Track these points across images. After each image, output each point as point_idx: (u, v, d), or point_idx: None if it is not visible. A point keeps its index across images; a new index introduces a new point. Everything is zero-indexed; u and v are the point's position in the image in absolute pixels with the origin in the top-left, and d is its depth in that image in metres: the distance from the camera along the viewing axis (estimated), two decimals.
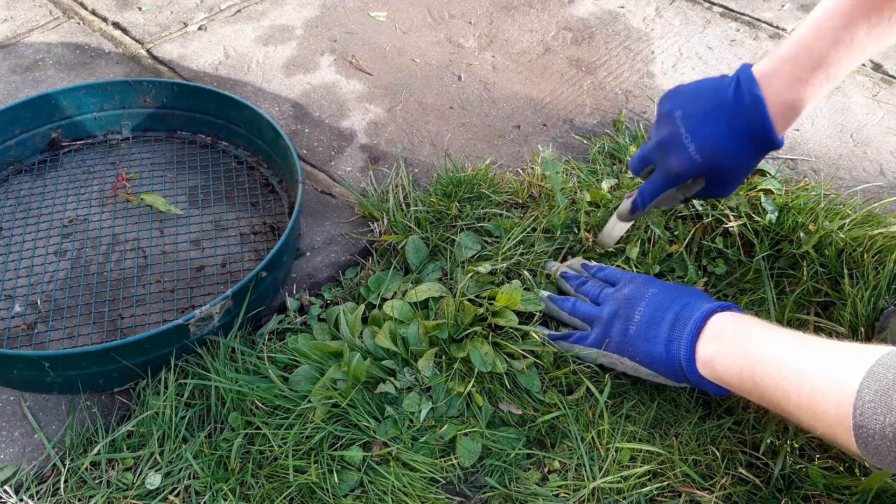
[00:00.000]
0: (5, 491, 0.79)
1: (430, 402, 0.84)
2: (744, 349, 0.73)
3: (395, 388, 0.85)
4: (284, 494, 0.78)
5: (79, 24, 1.49)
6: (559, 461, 0.82)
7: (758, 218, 1.04)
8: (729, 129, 0.80)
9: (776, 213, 1.03)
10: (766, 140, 0.79)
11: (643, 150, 0.89)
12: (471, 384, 0.85)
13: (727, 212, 1.03)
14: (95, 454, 0.81)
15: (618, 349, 0.84)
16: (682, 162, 0.82)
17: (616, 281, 0.90)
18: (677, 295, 0.84)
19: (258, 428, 0.82)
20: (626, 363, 0.84)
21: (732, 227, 1.01)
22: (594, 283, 0.92)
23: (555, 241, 1.02)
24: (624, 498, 0.79)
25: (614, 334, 0.85)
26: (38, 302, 0.98)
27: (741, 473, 0.80)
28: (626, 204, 0.93)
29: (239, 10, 1.54)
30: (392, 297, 0.95)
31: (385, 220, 1.06)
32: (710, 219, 1.03)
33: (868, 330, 0.90)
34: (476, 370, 0.86)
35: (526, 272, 0.97)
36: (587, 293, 0.91)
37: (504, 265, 0.98)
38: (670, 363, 0.79)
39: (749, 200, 1.06)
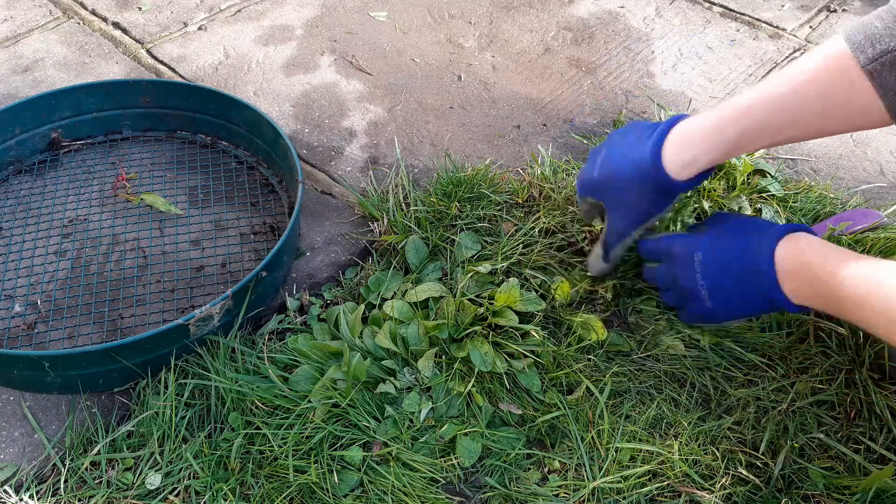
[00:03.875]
0: (5, 491, 0.79)
1: (430, 402, 0.84)
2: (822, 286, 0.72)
3: (395, 388, 0.85)
4: (284, 494, 0.78)
5: (79, 24, 1.49)
6: (559, 461, 0.82)
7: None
8: (628, 158, 0.84)
9: (776, 218, 1.03)
10: (657, 176, 0.81)
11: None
12: (471, 384, 0.85)
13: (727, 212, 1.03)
14: (95, 454, 0.81)
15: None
16: (585, 174, 0.90)
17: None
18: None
19: (258, 428, 0.82)
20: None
21: None
22: None
23: (556, 240, 1.02)
24: (624, 498, 0.79)
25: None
26: (38, 302, 0.98)
27: (741, 473, 0.80)
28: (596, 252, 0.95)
29: (239, 10, 1.54)
30: (392, 297, 0.95)
31: (385, 220, 1.06)
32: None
33: (866, 332, 0.90)
34: (476, 370, 0.86)
35: (527, 271, 0.97)
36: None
37: (504, 265, 0.98)
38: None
39: (751, 203, 1.06)
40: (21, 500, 0.78)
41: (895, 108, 0.71)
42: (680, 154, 0.79)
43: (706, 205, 1.05)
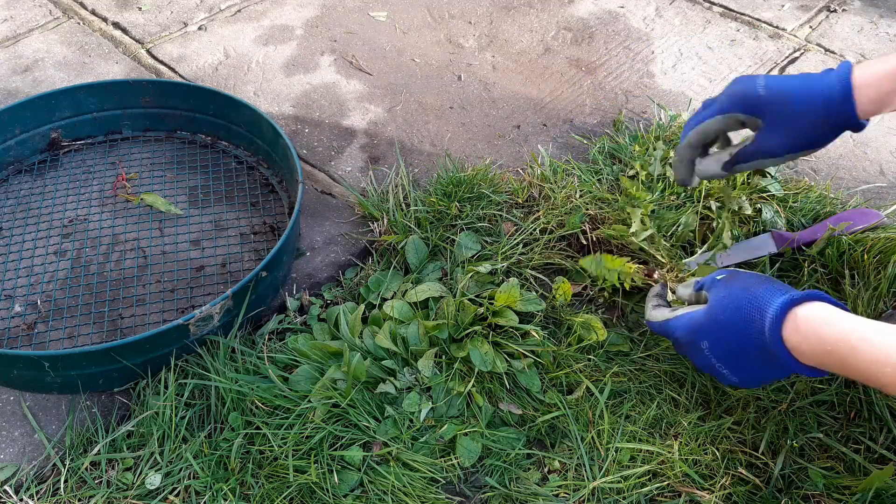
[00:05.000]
0: (5, 491, 0.79)
1: (430, 402, 0.84)
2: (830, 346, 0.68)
3: (395, 388, 0.85)
4: (284, 494, 0.78)
5: (79, 24, 1.49)
6: (559, 461, 0.82)
7: (758, 219, 1.04)
8: (807, 83, 0.79)
9: (776, 217, 1.03)
10: (842, 107, 0.77)
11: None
12: (471, 384, 0.85)
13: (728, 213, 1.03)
14: (95, 454, 0.81)
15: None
16: (744, 90, 0.81)
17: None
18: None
19: (258, 428, 0.82)
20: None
21: (728, 230, 1.01)
22: None
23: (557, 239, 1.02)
24: (624, 498, 0.79)
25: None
26: (38, 302, 0.98)
27: (741, 473, 0.80)
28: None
29: (239, 10, 1.54)
30: (392, 297, 0.95)
31: (385, 220, 1.06)
32: (711, 220, 1.04)
33: None
34: (476, 370, 0.86)
35: (528, 271, 0.97)
36: None
37: (504, 265, 0.98)
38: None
39: (751, 203, 1.06)
40: (21, 500, 0.78)
41: None
42: (869, 90, 0.75)
43: (713, 205, 1.05)
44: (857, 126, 0.77)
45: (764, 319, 0.70)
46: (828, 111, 0.77)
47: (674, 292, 0.87)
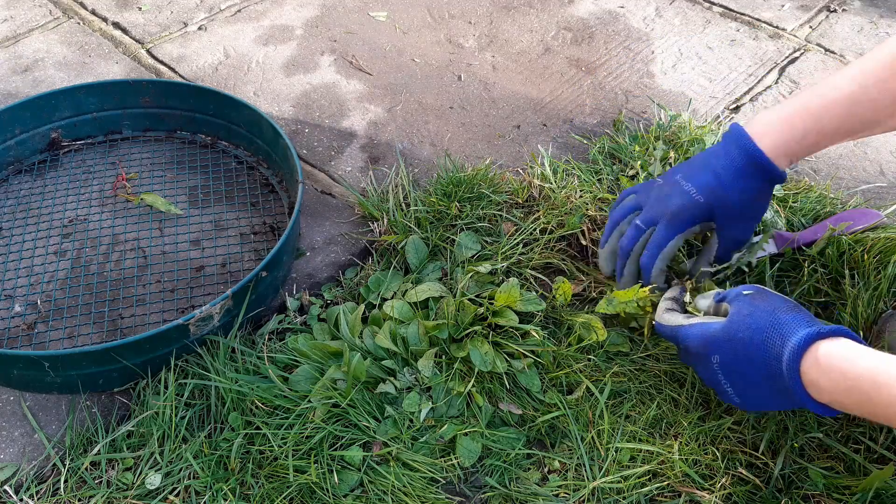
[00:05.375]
0: (5, 491, 0.79)
1: (430, 402, 0.84)
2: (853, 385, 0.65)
3: (395, 388, 0.85)
4: (284, 494, 0.78)
5: (79, 24, 1.49)
6: (559, 461, 0.82)
7: None
8: (726, 170, 0.83)
9: (776, 217, 1.03)
10: (765, 169, 0.81)
11: (629, 216, 0.91)
12: (471, 384, 0.85)
13: None
14: (95, 454, 0.81)
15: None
16: (683, 202, 0.85)
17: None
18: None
19: (258, 428, 0.82)
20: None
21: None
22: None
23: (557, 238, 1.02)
24: (624, 498, 0.79)
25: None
26: (38, 302, 0.98)
27: (741, 473, 0.80)
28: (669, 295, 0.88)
29: (239, 10, 1.54)
30: (392, 297, 0.95)
31: (385, 220, 1.06)
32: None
33: (866, 332, 0.90)
34: (476, 370, 0.86)
35: (528, 271, 0.97)
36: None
37: (504, 265, 0.98)
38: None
39: None
40: (21, 500, 0.78)
41: None
42: (774, 138, 0.80)
43: None
44: (777, 175, 0.81)
45: (784, 347, 0.68)
46: (756, 178, 0.82)
47: (691, 300, 0.86)
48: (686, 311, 0.83)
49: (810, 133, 0.80)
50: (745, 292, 0.76)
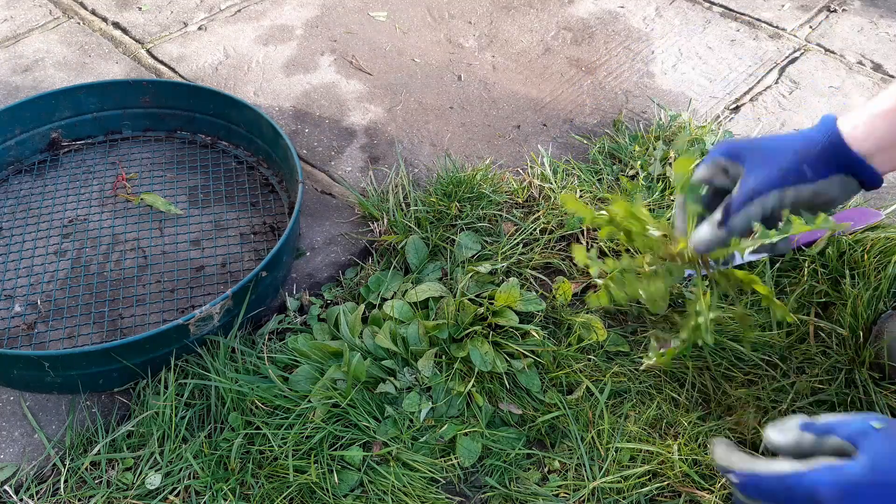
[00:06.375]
0: (5, 491, 0.79)
1: (430, 402, 0.84)
2: None
3: (395, 388, 0.85)
4: (284, 494, 0.78)
5: (79, 24, 1.49)
6: (559, 461, 0.82)
7: None
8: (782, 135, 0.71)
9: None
10: (821, 134, 0.68)
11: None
12: (471, 384, 0.85)
13: None
14: (95, 454, 0.81)
15: None
16: (728, 141, 0.73)
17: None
18: None
19: (258, 428, 0.82)
20: None
21: None
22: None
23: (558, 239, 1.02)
24: (624, 498, 0.79)
25: None
26: (38, 302, 0.98)
27: None
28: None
29: (239, 10, 1.54)
30: (392, 297, 0.95)
31: (385, 220, 1.06)
32: None
33: (866, 332, 0.90)
34: (476, 370, 0.86)
35: (528, 271, 0.97)
36: None
37: (504, 265, 0.98)
38: None
39: None
40: (21, 500, 0.78)
41: None
42: (862, 125, 0.66)
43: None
44: (857, 164, 0.67)
45: None
46: (807, 141, 0.69)
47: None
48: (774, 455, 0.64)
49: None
50: (874, 424, 0.58)
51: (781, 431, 0.61)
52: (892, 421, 0.59)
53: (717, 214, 0.71)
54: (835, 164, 0.67)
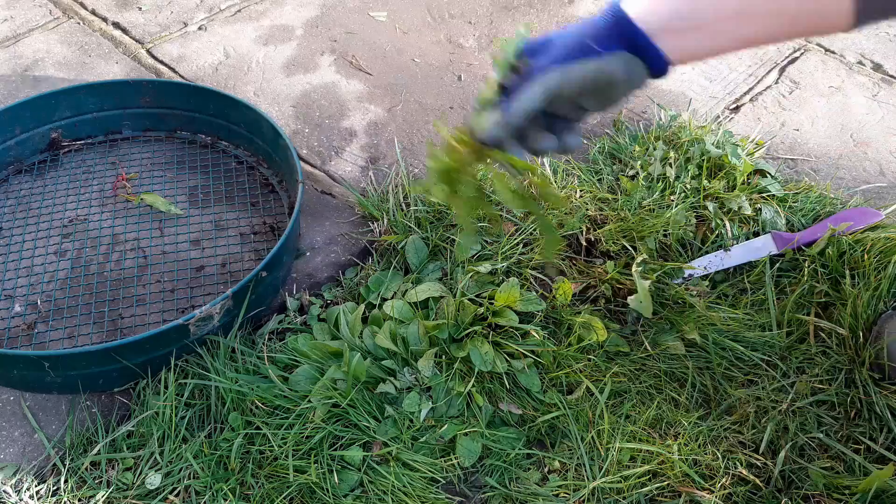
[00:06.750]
0: (5, 491, 0.79)
1: (430, 402, 0.84)
2: None
3: (395, 388, 0.85)
4: (284, 494, 0.78)
5: (79, 24, 1.49)
6: (559, 461, 0.82)
7: (758, 218, 1.04)
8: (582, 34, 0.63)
9: (776, 217, 1.03)
10: (610, 14, 0.61)
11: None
12: (471, 384, 0.85)
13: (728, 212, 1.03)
14: (95, 454, 0.81)
15: None
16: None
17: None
18: None
19: (258, 428, 0.82)
20: None
21: (730, 230, 1.01)
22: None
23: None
24: (624, 498, 0.79)
25: None
26: (38, 302, 0.98)
27: (741, 473, 0.80)
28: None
29: (239, 10, 1.54)
30: (392, 297, 0.95)
31: (385, 220, 1.06)
32: (711, 220, 1.04)
33: (866, 332, 0.90)
34: (476, 370, 0.86)
35: (528, 271, 0.97)
36: None
37: (504, 265, 0.97)
38: None
39: (751, 203, 1.06)
40: (21, 500, 0.78)
41: (861, 10, 0.57)
42: (646, 1, 0.61)
43: (710, 206, 1.05)
44: (640, 38, 0.61)
45: None
46: (592, 23, 0.62)
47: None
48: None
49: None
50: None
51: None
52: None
53: (500, 102, 0.67)
54: (617, 37, 0.62)
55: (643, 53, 0.61)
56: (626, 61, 0.62)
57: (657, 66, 0.61)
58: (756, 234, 1.03)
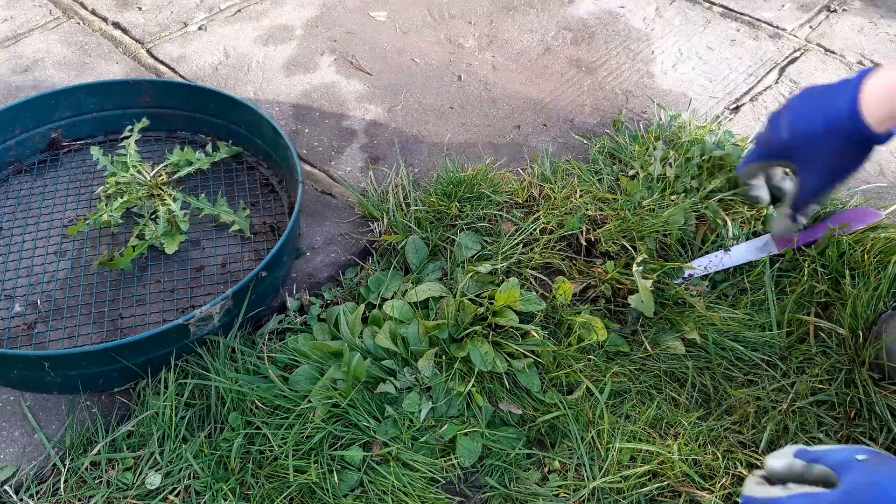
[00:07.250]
0: (5, 491, 0.79)
1: (430, 402, 0.84)
2: None
3: (395, 388, 0.85)
4: (284, 494, 0.78)
5: (79, 24, 1.49)
6: (559, 461, 0.82)
7: (758, 218, 1.04)
8: (821, 113, 0.80)
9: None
10: (855, 128, 0.77)
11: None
12: (471, 384, 0.85)
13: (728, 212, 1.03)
14: (95, 454, 0.81)
15: None
16: (772, 137, 0.86)
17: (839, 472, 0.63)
18: None
19: (258, 428, 0.82)
20: None
21: (730, 229, 1.01)
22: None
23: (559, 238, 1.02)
24: (624, 498, 0.79)
25: None
26: (38, 302, 0.98)
27: (741, 473, 0.80)
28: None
29: (239, 10, 1.54)
30: (392, 297, 0.95)
31: (385, 220, 1.06)
32: (710, 220, 1.04)
33: (866, 332, 0.90)
34: (476, 370, 0.86)
35: (528, 271, 0.97)
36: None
37: (504, 265, 0.97)
38: None
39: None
40: (21, 500, 0.78)
41: None
42: (880, 105, 0.75)
43: (710, 206, 1.05)
44: (875, 139, 0.77)
45: None
46: (838, 133, 0.79)
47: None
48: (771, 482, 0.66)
49: None
50: (858, 457, 0.61)
51: (778, 457, 0.66)
52: (877, 453, 0.62)
53: (787, 211, 0.90)
54: (863, 142, 0.78)
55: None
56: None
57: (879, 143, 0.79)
58: (756, 234, 1.03)
